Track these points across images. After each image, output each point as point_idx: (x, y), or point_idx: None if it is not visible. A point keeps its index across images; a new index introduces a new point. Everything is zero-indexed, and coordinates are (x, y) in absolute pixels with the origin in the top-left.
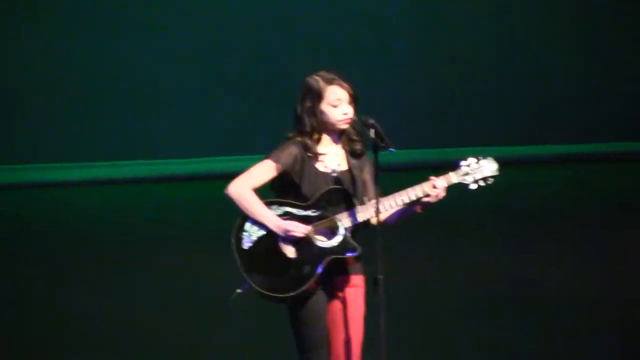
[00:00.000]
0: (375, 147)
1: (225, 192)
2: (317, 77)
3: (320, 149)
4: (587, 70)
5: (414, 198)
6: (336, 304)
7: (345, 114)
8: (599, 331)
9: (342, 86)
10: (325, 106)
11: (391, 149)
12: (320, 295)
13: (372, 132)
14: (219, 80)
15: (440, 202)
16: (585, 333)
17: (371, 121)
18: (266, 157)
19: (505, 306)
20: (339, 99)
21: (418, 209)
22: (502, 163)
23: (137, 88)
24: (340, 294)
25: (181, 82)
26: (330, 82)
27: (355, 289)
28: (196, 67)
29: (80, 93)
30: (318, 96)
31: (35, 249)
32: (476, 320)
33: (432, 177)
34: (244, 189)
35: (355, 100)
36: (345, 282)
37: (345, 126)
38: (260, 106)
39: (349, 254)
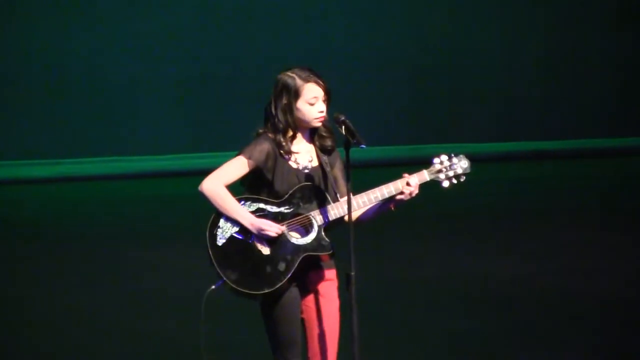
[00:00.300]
0: (346, 143)
1: (199, 188)
2: (293, 75)
3: (293, 146)
4: (560, 68)
5: (387, 195)
6: (311, 300)
7: (320, 112)
8: (578, 325)
9: (318, 84)
10: (301, 104)
11: (362, 146)
12: (293, 292)
13: (343, 129)
14: (186, 79)
15: (413, 199)
16: (565, 328)
17: (342, 117)
18: (238, 154)
19: (480, 302)
20: (315, 97)
21: (391, 206)
22: (475, 159)
23: (106, 87)
24: (314, 290)
25: (151, 82)
26: (307, 79)
27: (329, 283)
28: (167, 65)
29: (48, 91)
30: (295, 94)
31: (5, 245)
32: (450, 317)
33: (405, 174)
34: (217, 185)
35: (329, 97)
36: (318, 277)
37: (319, 124)
38: (227, 105)
39: (322, 251)
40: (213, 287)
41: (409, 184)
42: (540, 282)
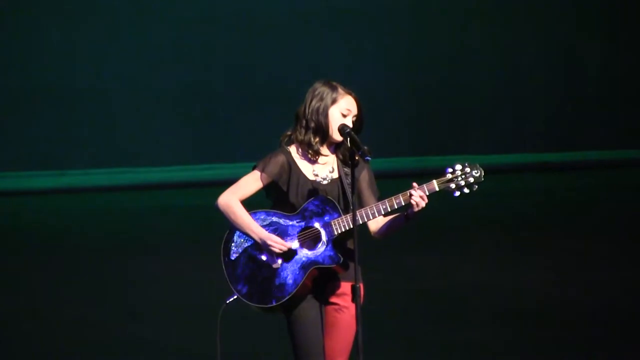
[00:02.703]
0: (351, 155)
1: (215, 203)
2: (335, 84)
3: (312, 155)
4: (563, 80)
5: (396, 206)
6: (328, 311)
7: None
8: (579, 337)
9: (356, 101)
10: (334, 111)
11: (367, 157)
12: (313, 305)
13: (348, 141)
14: (192, 91)
15: (424, 210)
16: (566, 340)
17: (347, 129)
18: (254, 167)
19: (482, 314)
20: (349, 110)
21: (405, 218)
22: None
23: (111, 98)
24: (332, 301)
25: (156, 93)
26: (348, 92)
27: (346, 295)
28: (171, 76)
29: (52, 102)
30: (333, 100)
31: (10, 257)
32: (452, 328)
33: (415, 185)
34: (230, 200)
35: (359, 123)
36: (335, 289)
37: (340, 138)
38: (233, 116)
39: (330, 264)
40: (227, 302)
41: (411, 195)
42: (542, 293)
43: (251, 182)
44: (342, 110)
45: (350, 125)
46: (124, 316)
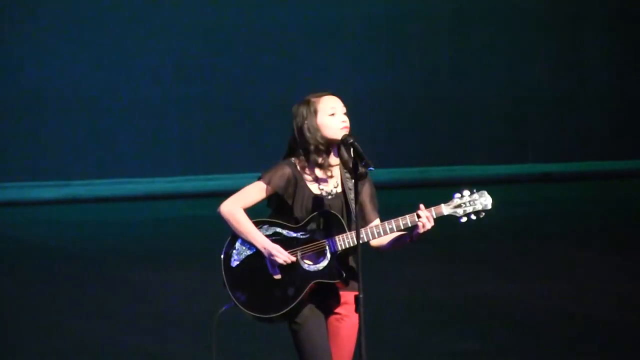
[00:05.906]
0: (354, 166)
1: (218, 210)
2: (306, 98)
3: (319, 170)
4: (564, 90)
5: (402, 227)
6: (330, 322)
7: (343, 121)
8: (578, 347)
9: (333, 96)
10: (321, 118)
11: (370, 168)
12: (317, 313)
13: (351, 151)
14: (196, 102)
15: (429, 231)
16: (565, 350)
17: (350, 140)
18: (259, 178)
19: (482, 324)
20: (333, 107)
21: (409, 238)
22: (482, 182)
23: (114, 109)
24: (334, 313)
25: (160, 104)
26: (320, 95)
27: (348, 306)
28: (174, 88)
29: (56, 113)
30: (314, 112)
31: (12, 267)
32: (451, 338)
33: (421, 206)
34: (234, 208)
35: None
36: (336, 301)
37: (345, 132)
38: (237, 128)
39: (333, 279)
40: (224, 308)
41: (418, 216)
42: (544, 304)
43: (255, 193)
44: (327, 113)
45: (346, 118)
46: (125, 327)
